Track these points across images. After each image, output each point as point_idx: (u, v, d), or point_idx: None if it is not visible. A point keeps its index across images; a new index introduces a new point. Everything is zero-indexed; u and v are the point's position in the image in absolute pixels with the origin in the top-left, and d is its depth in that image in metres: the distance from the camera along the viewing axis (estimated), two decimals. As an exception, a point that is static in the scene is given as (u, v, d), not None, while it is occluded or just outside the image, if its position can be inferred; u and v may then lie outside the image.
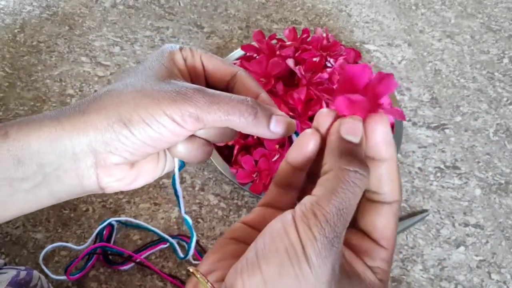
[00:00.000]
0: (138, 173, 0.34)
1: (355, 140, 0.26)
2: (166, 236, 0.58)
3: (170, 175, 0.65)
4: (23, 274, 0.46)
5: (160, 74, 0.33)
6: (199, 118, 0.30)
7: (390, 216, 0.28)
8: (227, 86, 0.35)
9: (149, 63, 0.33)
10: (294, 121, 0.33)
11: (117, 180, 0.33)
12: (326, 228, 0.24)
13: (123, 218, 0.60)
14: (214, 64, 0.35)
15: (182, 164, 0.36)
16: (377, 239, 0.28)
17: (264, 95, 0.34)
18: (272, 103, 0.34)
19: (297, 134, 0.33)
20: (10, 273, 0.45)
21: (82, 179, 0.32)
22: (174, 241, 0.58)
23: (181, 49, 0.34)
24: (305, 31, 0.71)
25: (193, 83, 0.33)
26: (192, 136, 0.33)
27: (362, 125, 0.27)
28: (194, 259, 0.58)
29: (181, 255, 0.57)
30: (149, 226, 0.59)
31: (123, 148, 0.31)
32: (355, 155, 0.26)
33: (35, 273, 0.47)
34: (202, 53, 0.35)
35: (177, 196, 0.38)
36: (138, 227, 0.60)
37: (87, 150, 0.31)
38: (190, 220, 0.39)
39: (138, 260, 0.56)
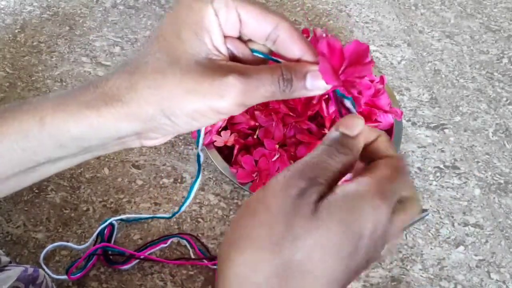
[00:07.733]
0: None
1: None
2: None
3: (170, 174, 0.65)
4: (30, 270, 0.47)
5: (193, 50, 0.31)
6: (245, 105, 0.32)
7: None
8: (267, 39, 0.33)
9: (177, 27, 0.31)
10: (328, 65, 0.31)
11: (158, 140, 0.36)
12: None
13: (124, 216, 0.60)
14: (252, 16, 0.32)
15: None
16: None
17: (309, 52, 0.33)
18: (315, 58, 0.33)
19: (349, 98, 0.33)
20: (18, 269, 0.46)
21: (126, 146, 0.36)
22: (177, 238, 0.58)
23: (212, 1, 0.31)
24: (305, 31, 0.71)
25: (226, 39, 0.32)
26: None
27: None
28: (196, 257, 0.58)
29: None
30: (150, 217, 0.60)
31: (166, 132, 0.34)
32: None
33: (41, 270, 0.48)
34: (238, 4, 0.32)
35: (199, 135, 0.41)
36: (140, 219, 0.60)
37: (131, 134, 0.33)
38: (202, 157, 0.41)
39: (142, 257, 0.56)
